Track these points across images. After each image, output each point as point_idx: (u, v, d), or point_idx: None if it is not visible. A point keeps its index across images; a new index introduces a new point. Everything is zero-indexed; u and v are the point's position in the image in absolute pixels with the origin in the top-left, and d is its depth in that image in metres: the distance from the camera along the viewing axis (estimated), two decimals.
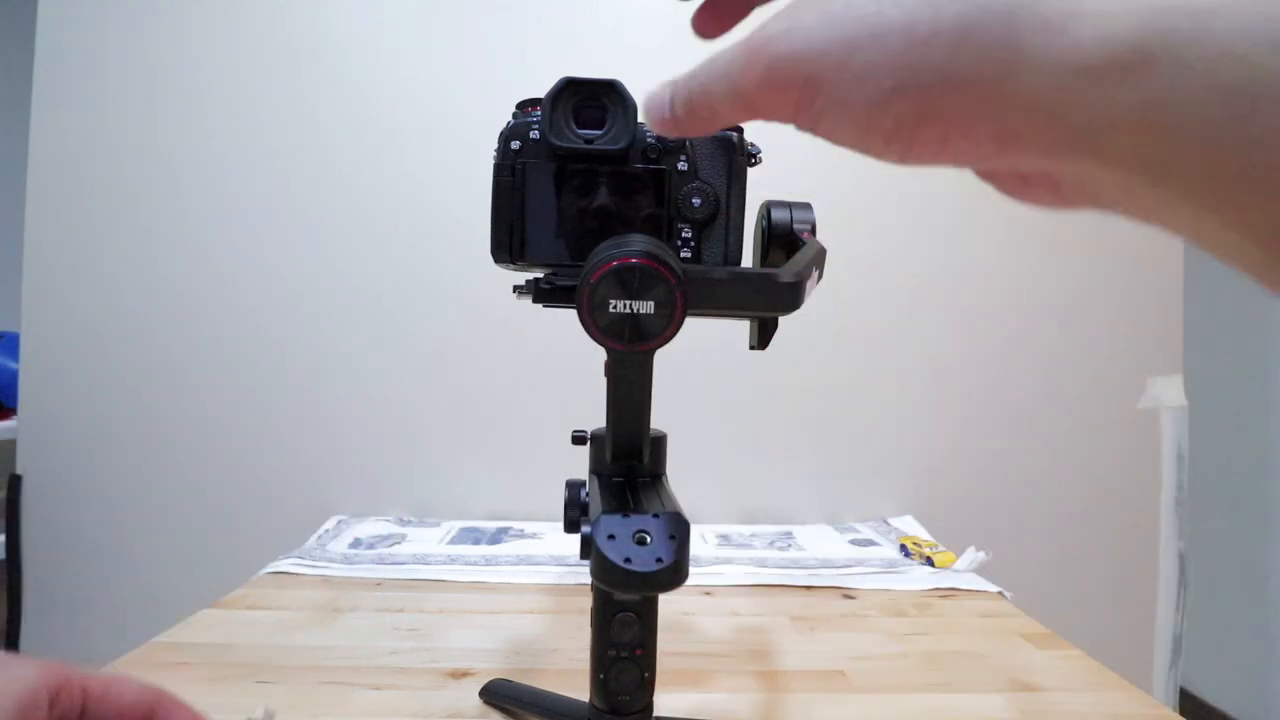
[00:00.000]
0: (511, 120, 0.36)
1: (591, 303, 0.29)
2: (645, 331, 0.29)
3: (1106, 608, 1.05)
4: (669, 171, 0.36)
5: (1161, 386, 1.07)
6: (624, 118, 0.35)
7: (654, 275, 0.29)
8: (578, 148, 0.35)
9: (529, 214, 0.36)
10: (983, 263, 1.06)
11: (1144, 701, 0.53)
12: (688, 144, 0.37)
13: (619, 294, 0.29)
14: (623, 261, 0.28)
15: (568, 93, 0.34)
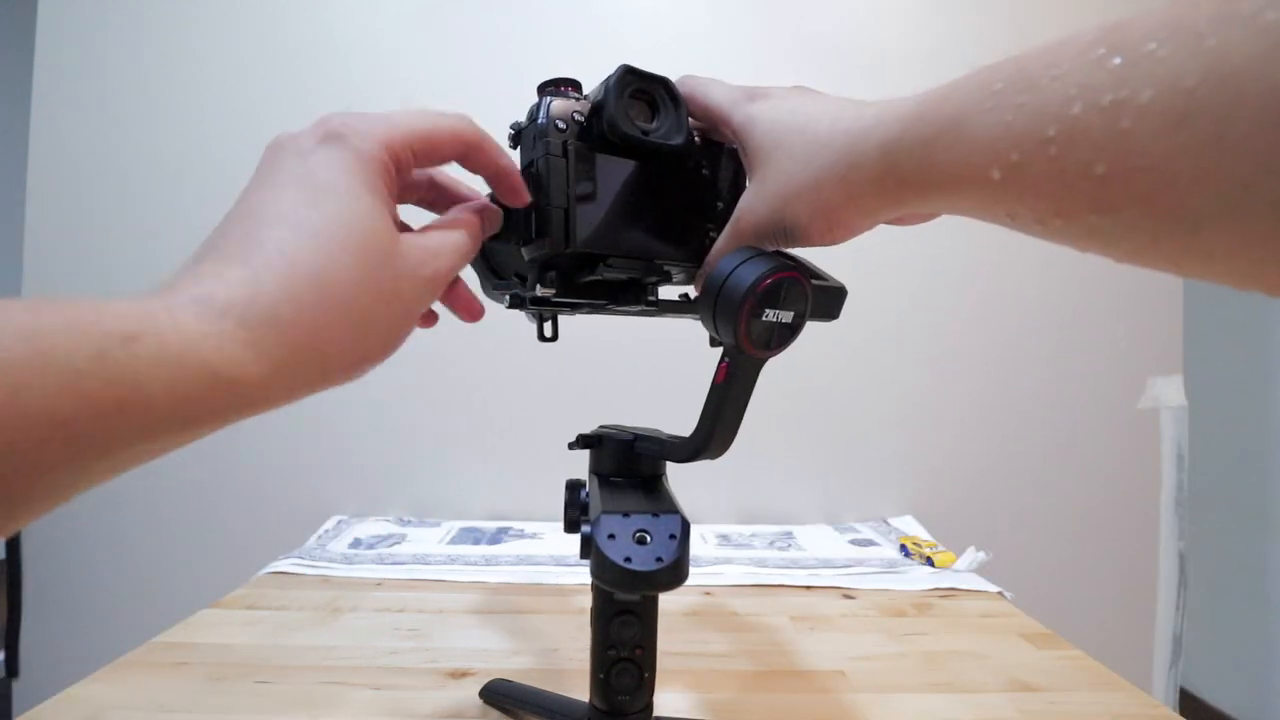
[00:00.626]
0: (550, 99, 0.34)
1: (752, 312, 0.30)
2: (783, 338, 0.31)
3: (1106, 608, 1.05)
4: (696, 173, 0.37)
5: (1161, 386, 1.07)
6: (675, 115, 0.35)
7: (800, 288, 0.30)
8: (635, 137, 0.34)
9: (581, 199, 0.34)
10: (983, 263, 1.06)
11: (1144, 701, 0.53)
12: (709, 152, 0.37)
13: (774, 304, 0.30)
14: (781, 275, 0.30)
15: (628, 79, 0.34)
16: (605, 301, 0.37)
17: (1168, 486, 1.07)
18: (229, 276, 0.22)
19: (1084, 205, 0.20)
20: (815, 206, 0.29)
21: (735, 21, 1.04)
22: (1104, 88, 0.19)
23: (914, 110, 0.25)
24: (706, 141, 0.37)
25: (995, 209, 0.24)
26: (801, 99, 0.32)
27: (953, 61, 0.30)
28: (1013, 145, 0.21)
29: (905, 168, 0.26)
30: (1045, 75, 0.21)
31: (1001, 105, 0.22)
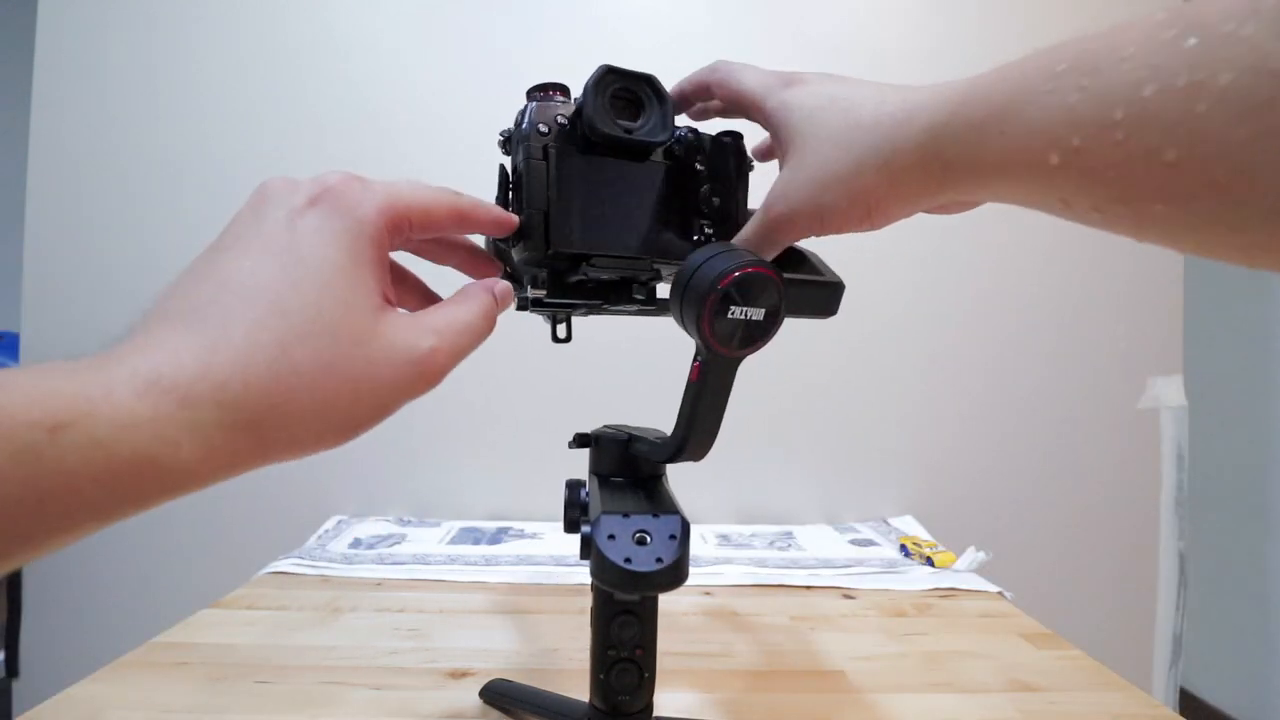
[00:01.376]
0: (533, 104, 0.34)
1: (716, 308, 0.29)
2: (754, 336, 0.30)
3: (1106, 608, 1.05)
4: (690, 168, 0.37)
5: (1162, 386, 1.07)
6: (660, 111, 0.35)
7: (770, 283, 0.29)
8: (617, 136, 0.34)
9: (561, 202, 0.34)
10: (983, 262, 1.06)
11: (1144, 701, 0.53)
12: (704, 145, 0.37)
13: (740, 301, 0.29)
14: (746, 270, 0.29)
15: (608, 79, 0.34)
16: (599, 301, 0.37)
17: (1168, 486, 1.07)
18: (181, 349, 0.21)
19: (1150, 193, 0.19)
20: (855, 192, 0.29)
21: (735, 21, 1.04)
22: (1178, 70, 0.18)
23: (965, 93, 0.24)
24: (702, 135, 0.37)
25: (1048, 196, 0.23)
26: (841, 84, 0.31)
27: (953, 61, 0.30)
28: (1074, 129, 0.20)
29: (953, 152, 0.25)
30: (1112, 57, 0.19)
31: (1063, 87, 0.21)
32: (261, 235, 0.24)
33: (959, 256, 1.05)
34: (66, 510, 0.18)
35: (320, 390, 0.23)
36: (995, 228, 1.05)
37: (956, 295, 1.05)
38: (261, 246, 0.24)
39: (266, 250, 0.24)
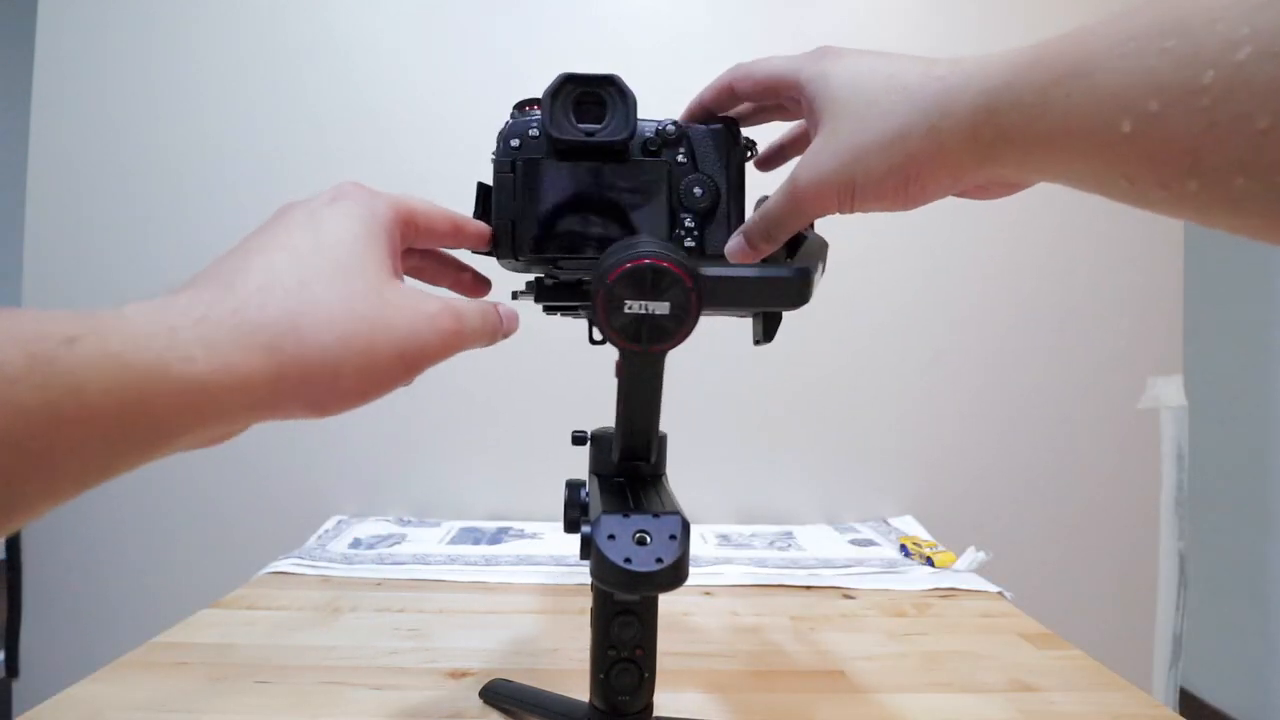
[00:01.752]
0: (510, 120, 0.36)
1: (608, 303, 0.28)
2: (660, 332, 0.29)
3: (1106, 608, 1.05)
4: (670, 163, 0.37)
5: (1161, 386, 1.07)
6: (624, 111, 0.35)
7: (670, 276, 0.28)
8: (578, 140, 0.35)
9: (529, 210, 0.36)
10: (983, 262, 1.06)
11: (1144, 701, 0.53)
12: (687, 137, 0.37)
13: (634, 294, 0.28)
14: (638, 262, 0.28)
15: (567, 88, 0.35)
16: (586, 302, 0.38)
17: (1168, 486, 1.07)
18: (199, 290, 0.22)
19: (1233, 165, 0.18)
20: (894, 159, 0.27)
21: (735, 21, 1.04)
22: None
23: (1030, 56, 0.23)
24: (685, 127, 0.37)
25: (1111, 170, 0.21)
26: (883, 55, 0.29)
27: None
28: (1154, 92, 0.19)
29: (1009, 118, 0.23)
30: (1201, 18, 0.18)
31: (1144, 49, 0.19)
32: (288, 222, 0.27)
33: (959, 256, 1.05)
34: (82, 430, 0.18)
35: (338, 323, 0.23)
36: (996, 226, 1.05)
37: (956, 294, 1.05)
38: (288, 228, 0.26)
39: (294, 228, 0.26)
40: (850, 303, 1.02)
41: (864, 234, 1.02)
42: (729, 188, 0.37)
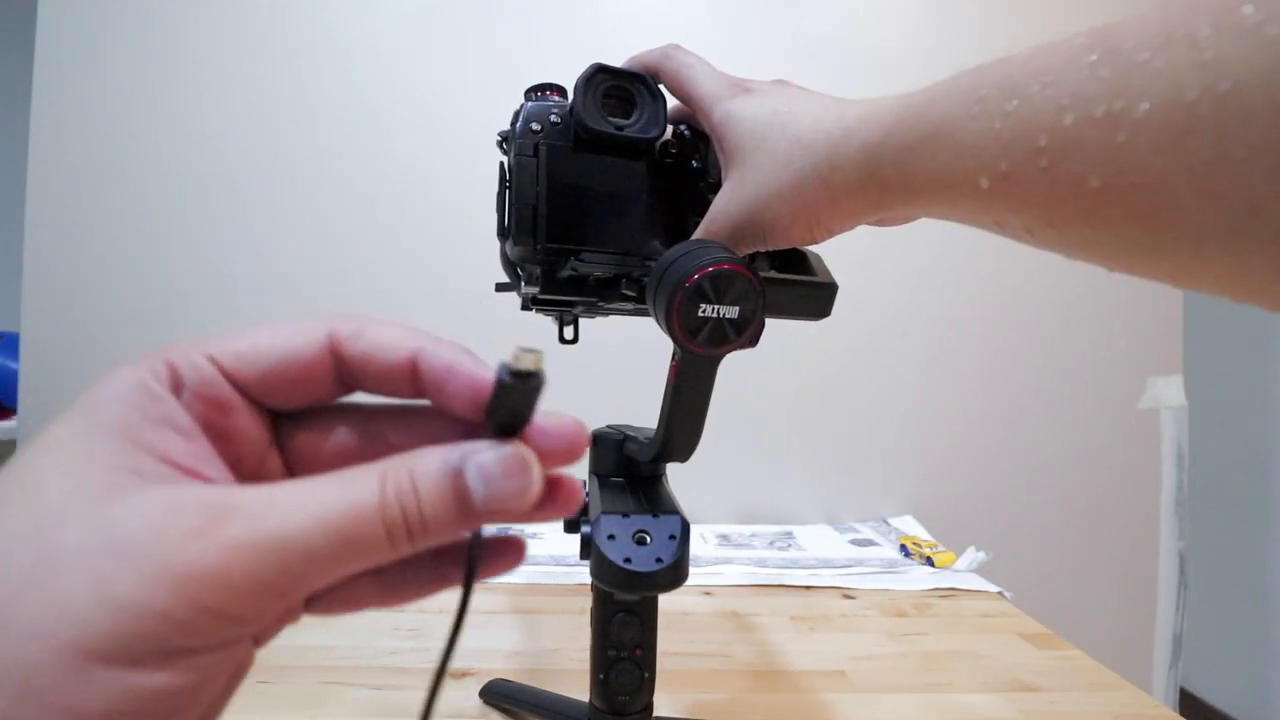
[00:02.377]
0: (527, 103, 0.35)
1: (683, 306, 0.28)
2: (727, 335, 0.29)
3: (1106, 608, 1.05)
4: (685, 167, 0.37)
5: (1161, 386, 1.07)
6: (654, 108, 0.35)
7: (743, 280, 0.29)
8: (607, 133, 0.34)
9: (550, 197, 0.34)
10: (983, 262, 1.06)
11: (1144, 701, 0.53)
12: (701, 144, 0.37)
13: (710, 298, 0.28)
14: (719, 267, 0.28)
15: (599, 78, 0.34)
16: (594, 299, 0.37)
17: (1168, 486, 1.07)
18: None
19: (1077, 218, 0.19)
20: (796, 208, 0.29)
21: (735, 21, 1.04)
22: (1098, 98, 0.18)
23: (897, 114, 0.25)
24: (699, 133, 0.37)
25: (982, 217, 0.23)
26: (785, 96, 0.31)
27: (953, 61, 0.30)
28: (1001, 154, 0.20)
29: (887, 173, 0.25)
30: (1035, 82, 0.19)
31: (989, 112, 0.21)
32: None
33: (959, 256, 1.05)
34: None
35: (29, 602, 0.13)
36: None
37: (957, 295, 1.05)
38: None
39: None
40: (850, 303, 1.02)
41: (864, 234, 1.02)
42: None
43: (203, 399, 0.18)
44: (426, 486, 0.16)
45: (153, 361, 0.17)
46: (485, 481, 0.17)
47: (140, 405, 0.16)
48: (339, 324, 0.18)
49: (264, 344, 0.18)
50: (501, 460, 0.17)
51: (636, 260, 0.36)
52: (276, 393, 0.19)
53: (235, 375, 0.18)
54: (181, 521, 0.14)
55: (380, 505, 0.16)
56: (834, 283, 0.36)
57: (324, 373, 0.18)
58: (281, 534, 0.15)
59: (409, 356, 0.18)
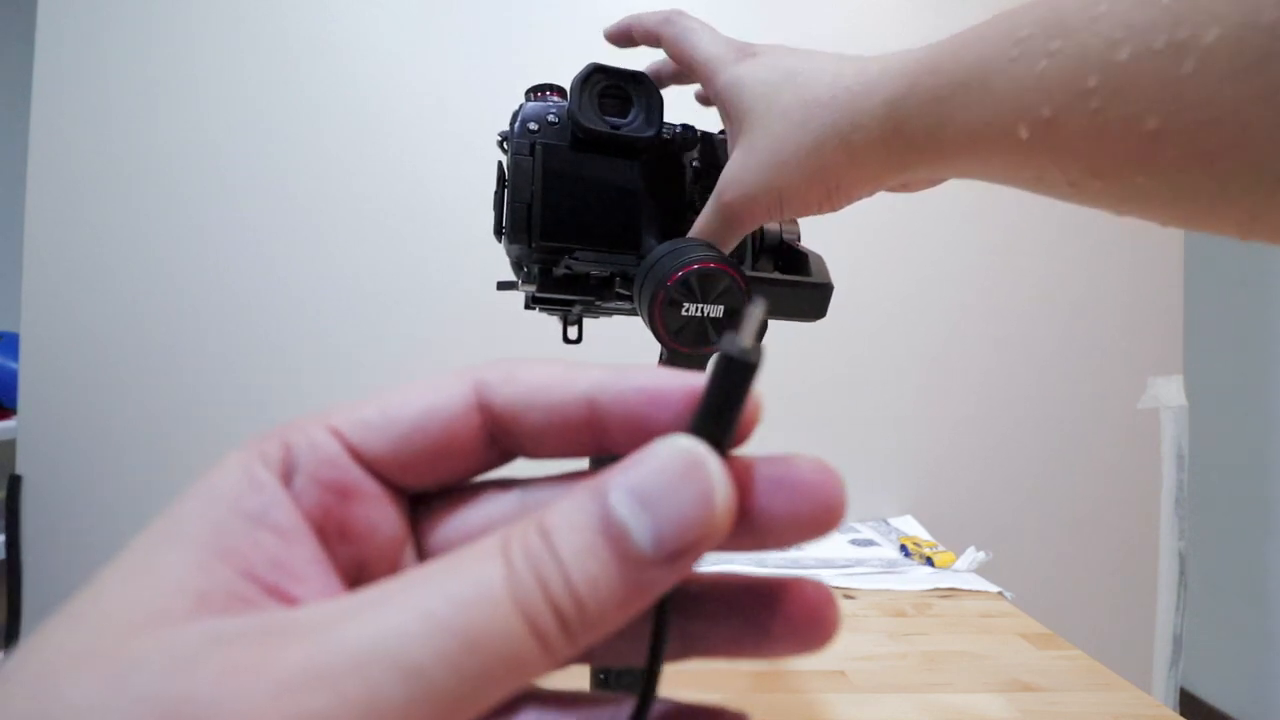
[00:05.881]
0: (525, 103, 0.36)
1: (666, 305, 0.28)
2: (710, 336, 0.29)
3: (1106, 608, 1.05)
4: (684, 165, 0.37)
5: (1162, 386, 1.07)
6: (650, 108, 0.35)
7: (727, 280, 0.28)
8: (603, 132, 0.34)
9: (545, 196, 0.35)
10: (983, 262, 1.06)
11: (1144, 701, 0.53)
12: (701, 142, 0.37)
13: (693, 297, 0.28)
14: (704, 265, 0.28)
15: (595, 78, 0.34)
16: (592, 298, 0.37)
17: (1168, 486, 1.07)
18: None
19: (1131, 165, 0.17)
20: (813, 171, 0.26)
21: (735, 21, 1.04)
22: (1158, 27, 0.15)
23: (925, 62, 0.23)
24: (697, 131, 0.37)
25: (1020, 172, 0.21)
26: (795, 56, 0.29)
27: None
28: (1045, 98, 0.18)
29: (914, 127, 0.23)
30: (1082, 16, 0.17)
31: (1030, 53, 0.18)
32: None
33: (959, 256, 1.05)
34: None
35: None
36: (997, 226, 1.05)
37: (957, 295, 1.05)
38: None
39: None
40: (850, 302, 1.02)
41: (865, 234, 1.03)
42: None
43: (321, 484, 0.14)
44: (566, 540, 0.11)
45: (266, 441, 0.14)
46: (644, 504, 0.11)
47: (236, 500, 0.13)
48: (485, 372, 0.15)
49: (395, 407, 0.14)
50: (661, 465, 0.12)
51: (632, 259, 0.36)
52: (414, 467, 0.14)
53: (362, 450, 0.14)
54: (219, 658, 0.10)
55: (507, 581, 0.11)
56: (829, 283, 0.36)
57: (471, 435, 0.14)
58: (363, 650, 0.10)
59: (582, 396, 0.14)
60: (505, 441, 0.15)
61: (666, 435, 0.12)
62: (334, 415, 0.14)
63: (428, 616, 0.10)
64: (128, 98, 1.00)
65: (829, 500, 0.13)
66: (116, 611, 0.12)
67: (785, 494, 0.13)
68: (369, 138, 1.01)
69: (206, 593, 0.12)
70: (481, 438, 0.15)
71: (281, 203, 1.01)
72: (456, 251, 0.98)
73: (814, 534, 0.13)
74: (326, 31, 1.01)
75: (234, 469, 0.13)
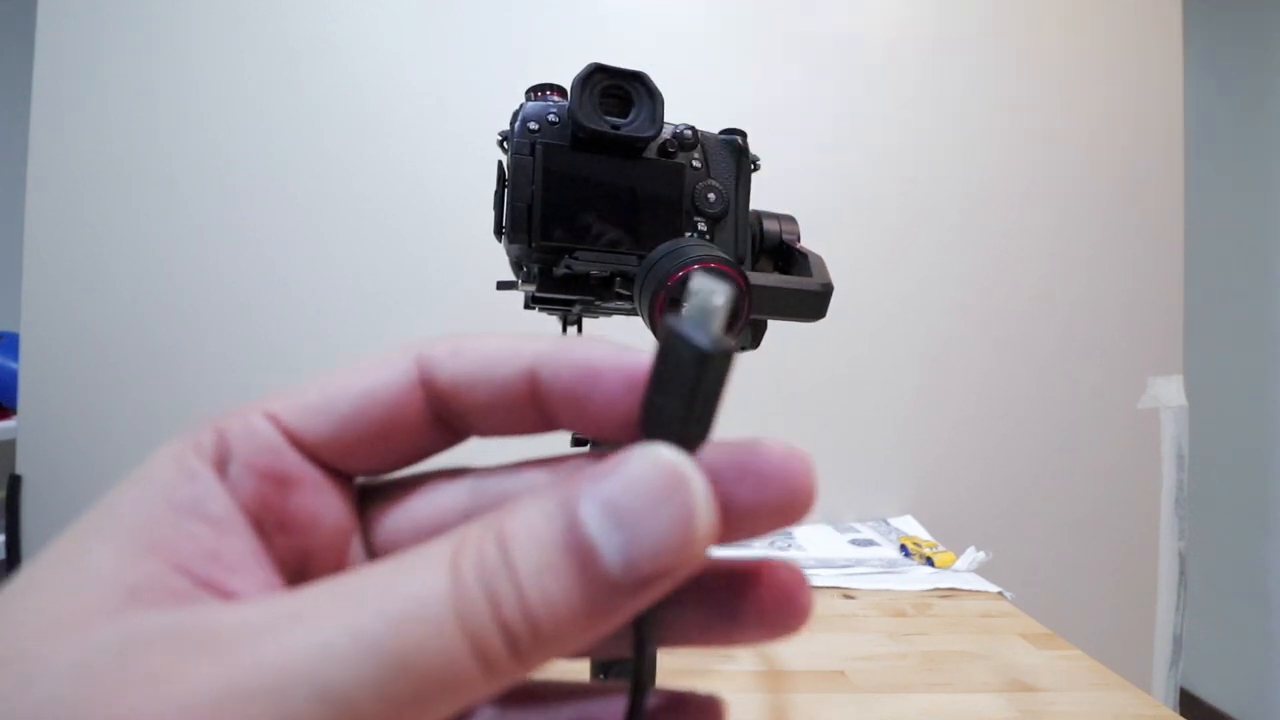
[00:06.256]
0: (526, 103, 0.36)
1: (665, 304, 0.28)
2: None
3: (1106, 608, 1.05)
4: (685, 166, 0.37)
5: (1162, 387, 1.07)
6: (650, 108, 0.35)
7: (730, 281, 0.28)
8: (604, 131, 0.34)
9: (545, 195, 0.35)
10: (984, 262, 1.06)
11: (1144, 701, 0.53)
12: (703, 143, 0.37)
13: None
14: (705, 265, 0.28)
15: (595, 78, 0.34)
16: (592, 299, 0.37)
17: (1168, 486, 1.07)
18: None
19: None
20: None
21: (736, 21, 1.04)
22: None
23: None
24: (700, 133, 0.37)
25: None
26: None
27: (953, 61, 0.30)
28: None
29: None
30: None
31: None
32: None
33: (960, 256, 1.05)
34: None
35: None
36: (998, 227, 1.05)
37: (957, 296, 1.05)
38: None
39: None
40: (851, 302, 1.02)
41: (865, 234, 1.03)
42: (737, 195, 0.38)
43: (258, 473, 0.13)
44: (525, 552, 0.10)
45: (201, 430, 0.13)
46: (617, 522, 0.10)
47: (168, 491, 0.12)
48: (430, 347, 0.14)
49: (336, 389, 0.13)
50: (639, 479, 0.10)
51: (632, 259, 0.36)
52: (357, 451, 0.13)
53: (302, 436, 0.13)
54: (130, 666, 0.09)
55: (453, 596, 0.10)
56: (829, 284, 0.36)
57: (416, 414, 0.14)
58: (281, 670, 0.09)
59: (525, 369, 0.13)
60: (453, 420, 0.14)
61: (649, 442, 0.11)
62: (272, 400, 0.14)
63: (357, 634, 0.09)
64: (128, 98, 1.00)
65: (798, 487, 0.12)
66: (41, 607, 0.11)
67: (751, 482, 0.12)
68: (369, 138, 1.01)
69: (136, 587, 0.11)
70: (427, 417, 0.14)
71: (281, 203, 1.01)
72: (456, 251, 0.98)
73: (783, 523, 0.12)
74: (326, 31, 1.01)
75: (166, 460, 0.13)
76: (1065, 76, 1.07)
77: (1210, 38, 1.56)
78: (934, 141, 1.04)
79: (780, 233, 0.39)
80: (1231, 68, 1.59)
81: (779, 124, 1.00)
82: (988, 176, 1.06)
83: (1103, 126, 1.08)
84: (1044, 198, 1.07)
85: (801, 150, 1.00)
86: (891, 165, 1.04)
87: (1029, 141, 1.07)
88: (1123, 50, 1.08)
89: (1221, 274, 1.54)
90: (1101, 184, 1.08)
